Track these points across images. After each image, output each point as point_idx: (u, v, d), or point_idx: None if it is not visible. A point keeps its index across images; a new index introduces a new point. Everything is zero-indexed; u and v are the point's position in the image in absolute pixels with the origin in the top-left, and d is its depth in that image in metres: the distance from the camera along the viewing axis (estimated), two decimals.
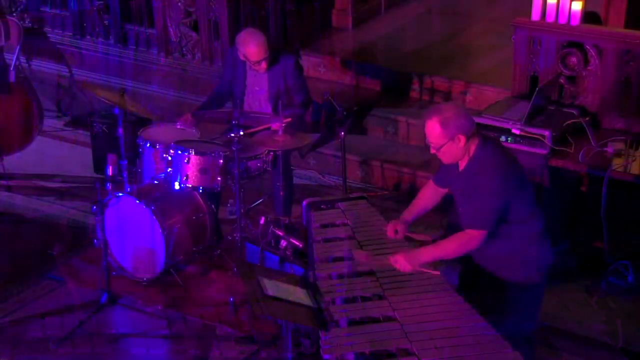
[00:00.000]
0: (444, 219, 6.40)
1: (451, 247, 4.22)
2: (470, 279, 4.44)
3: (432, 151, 4.20)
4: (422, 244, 4.59)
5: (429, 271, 4.20)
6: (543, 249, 4.30)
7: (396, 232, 4.49)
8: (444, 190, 4.54)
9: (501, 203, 4.11)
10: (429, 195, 4.58)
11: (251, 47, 6.00)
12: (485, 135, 4.28)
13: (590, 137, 5.65)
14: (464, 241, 4.19)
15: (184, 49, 7.78)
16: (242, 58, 6.11)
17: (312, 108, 7.26)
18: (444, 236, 4.56)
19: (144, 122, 6.76)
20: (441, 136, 4.11)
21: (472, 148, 4.17)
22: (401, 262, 4.19)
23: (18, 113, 7.23)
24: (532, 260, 4.27)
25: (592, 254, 5.83)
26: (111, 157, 5.35)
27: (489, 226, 4.13)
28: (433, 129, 4.13)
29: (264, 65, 6.07)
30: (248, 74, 6.22)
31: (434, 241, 4.54)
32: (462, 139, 4.11)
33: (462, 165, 4.24)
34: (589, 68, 5.91)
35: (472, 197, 4.17)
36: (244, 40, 6.05)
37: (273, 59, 6.14)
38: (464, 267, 4.50)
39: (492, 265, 4.30)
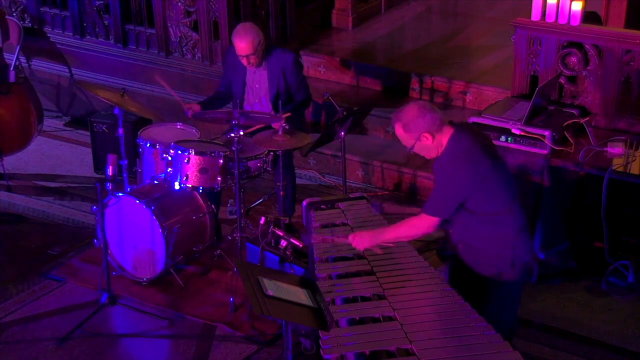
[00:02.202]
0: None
1: (404, 229, 4.36)
2: (456, 272, 4.49)
3: (408, 151, 4.32)
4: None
5: (378, 251, 4.36)
6: (519, 247, 4.31)
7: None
8: None
9: (458, 194, 4.18)
10: None
11: (238, 41, 6.02)
12: (461, 125, 4.32)
13: (590, 137, 5.66)
14: (416, 224, 4.31)
15: (184, 49, 7.79)
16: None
17: (312, 108, 7.27)
18: (444, 238, 4.58)
19: (144, 122, 6.77)
20: (408, 138, 4.25)
21: (444, 140, 4.22)
22: (356, 240, 4.37)
23: (17, 114, 7.22)
24: (506, 256, 4.29)
25: (592, 254, 5.83)
26: (111, 157, 5.33)
27: (442, 214, 4.24)
28: (399, 133, 4.28)
29: (252, 60, 6.05)
30: (248, 72, 6.22)
31: None
32: (428, 136, 4.20)
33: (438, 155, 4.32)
34: (589, 68, 5.91)
35: (435, 184, 4.29)
36: (235, 33, 6.09)
37: (272, 55, 6.13)
38: (452, 262, 4.56)
39: (469, 259, 4.36)
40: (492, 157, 4.22)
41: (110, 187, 5.55)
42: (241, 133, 5.61)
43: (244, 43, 6.00)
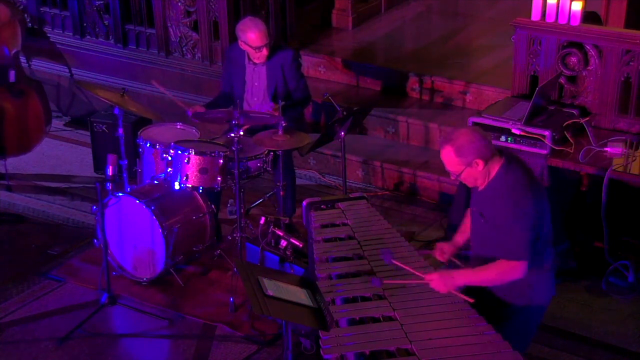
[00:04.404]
0: (444, 219, 6.40)
1: (491, 275, 4.08)
2: (476, 291, 4.28)
3: (452, 177, 4.11)
4: (451, 263, 4.47)
5: (462, 297, 4.03)
6: (537, 287, 4.14)
7: (443, 252, 4.38)
8: None
9: (533, 228, 3.97)
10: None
11: (252, 33, 5.97)
12: (511, 156, 4.12)
13: (590, 137, 5.66)
14: (505, 271, 4.04)
15: (184, 49, 7.79)
16: (242, 47, 6.08)
17: (312, 108, 7.26)
18: (444, 238, 4.51)
19: (144, 122, 6.77)
20: (458, 164, 4.02)
21: (494, 169, 4.04)
22: (436, 282, 4.06)
23: (28, 117, 7.18)
24: (529, 292, 4.13)
25: (592, 254, 5.83)
26: (111, 157, 5.34)
27: (528, 255, 3.99)
28: (449, 157, 4.03)
29: (265, 52, 6.03)
30: (247, 70, 6.21)
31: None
32: (480, 163, 3.99)
33: (482, 185, 4.11)
34: (589, 68, 5.91)
35: (503, 226, 4.01)
36: (244, 27, 6.03)
37: (272, 52, 6.12)
38: None
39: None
40: (539, 196, 4.02)
41: (110, 187, 5.56)
42: (241, 133, 5.61)
43: (260, 32, 5.97)
